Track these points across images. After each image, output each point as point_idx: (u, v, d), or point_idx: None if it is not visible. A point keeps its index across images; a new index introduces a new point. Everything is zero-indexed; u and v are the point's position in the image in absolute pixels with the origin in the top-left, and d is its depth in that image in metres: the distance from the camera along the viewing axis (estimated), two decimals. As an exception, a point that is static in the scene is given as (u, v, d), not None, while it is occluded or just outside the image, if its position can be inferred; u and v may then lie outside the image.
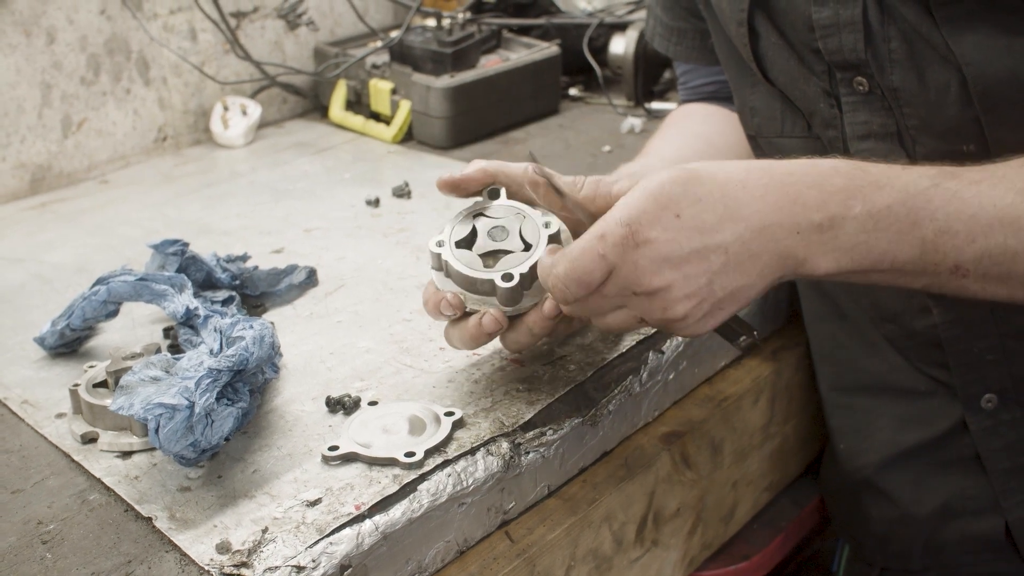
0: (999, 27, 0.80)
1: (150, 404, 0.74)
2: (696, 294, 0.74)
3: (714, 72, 1.15)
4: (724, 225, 0.73)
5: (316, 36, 1.67)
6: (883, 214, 0.75)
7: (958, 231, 0.74)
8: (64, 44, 1.38)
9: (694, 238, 0.72)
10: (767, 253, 0.74)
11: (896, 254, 0.75)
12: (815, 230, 0.74)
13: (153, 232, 1.23)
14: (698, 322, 0.76)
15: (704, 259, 0.73)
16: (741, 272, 0.74)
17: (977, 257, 0.75)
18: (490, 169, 0.86)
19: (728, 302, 0.76)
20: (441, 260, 0.84)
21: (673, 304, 0.74)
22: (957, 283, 0.76)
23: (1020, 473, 0.98)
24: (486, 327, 0.82)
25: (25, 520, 0.76)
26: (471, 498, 0.80)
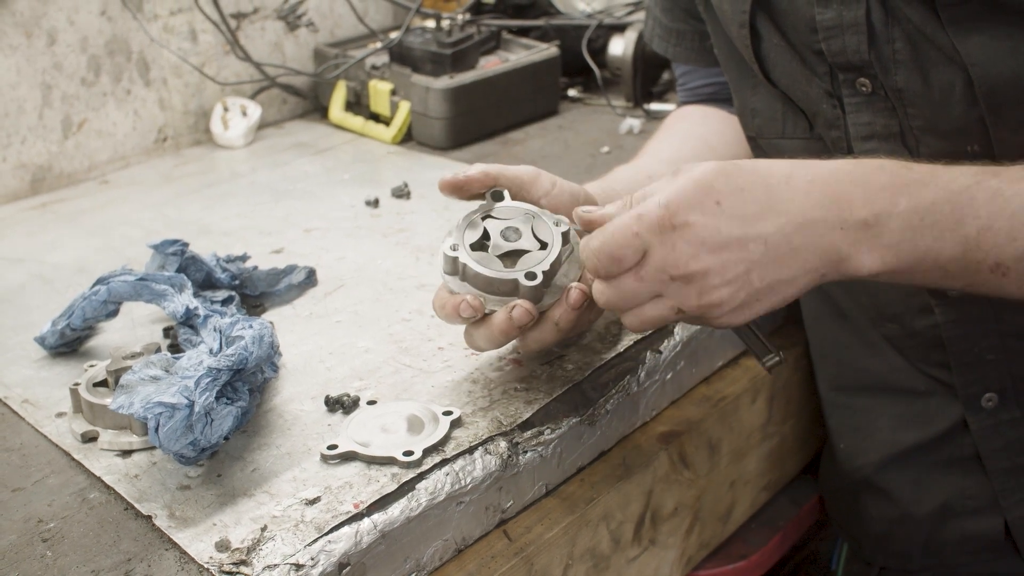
0: (1004, 28, 0.81)
1: (150, 403, 0.74)
2: (734, 281, 0.73)
3: (713, 74, 1.16)
4: (765, 216, 0.73)
5: (316, 37, 1.67)
6: (928, 211, 0.75)
7: (1000, 228, 0.74)
8: (65, 45, 1.39)
9: (734, 226, 0.72)
10: (808, 248, 0.74)
11: (940, 251, 0.75)
12: (859, 227, 0.74)
13: (153, 232, 1.23)
14: (733, 311, 0.74)
15: (743, 248, 0.72)
16: (781, 265, 0.74)
17: (1018, 256, 0.75)
18: (492, 171, 0.86)
19: (766, 295, 0.74)
20: (458, 263, 0.83)
21: (710, 290, 0.73)
22: (996, 282, 0.76)
23: (1020, 472, 0.99)
24: (518, 320, 0.81)
25: (25, 518, 0.76)
26: (469, 497, 0.80)
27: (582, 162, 1.43)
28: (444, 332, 0.98)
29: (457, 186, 0.86)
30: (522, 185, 0.87)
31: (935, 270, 0.76)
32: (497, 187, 0.87)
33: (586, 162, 1.43)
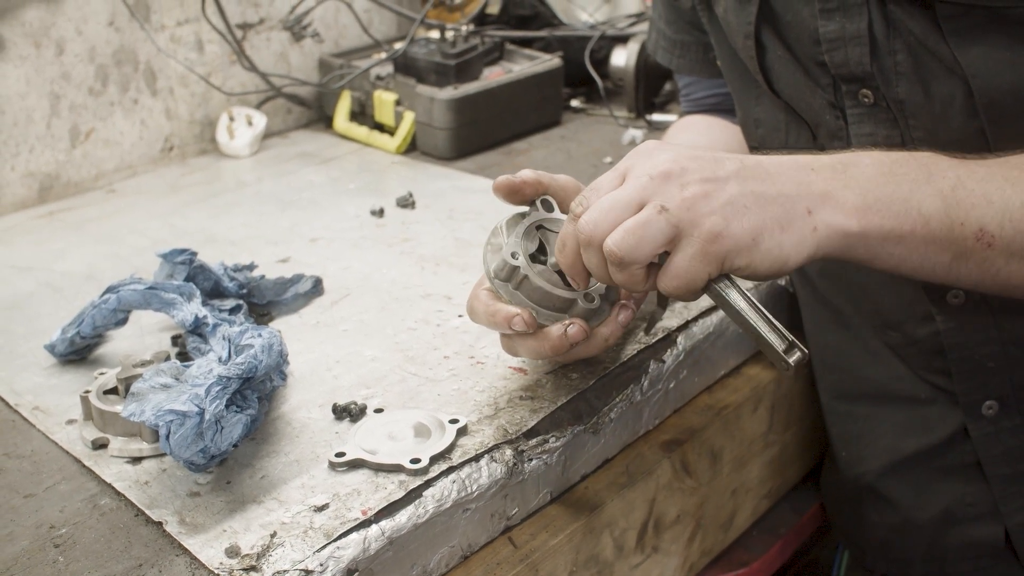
0: (1005, 40, 0.82)
1: (161, 411, 0.75)
2: (712, 180, 0.73)
3: (716, 85, 1.17)
4: (734, 155, 0.76)
5: (321, 48, 1.68)
6: (895, 162, 0.77)
7: (972, 188, 0.76)
8: (73, 55, 1.40)
9: (705, 152, 0.75)
10: (781, 178, 0.74)
11: (921, 202, 0.75)
12: (828, 168, 0.76)
13: (160, 241, 1.24)
14: (721, 210, 0.72)
15: (717, 162, 0.74)
16: (757, 181, 0.74)
17: (999, 220, 0.76)
18: (542, 178, 0.85)
19: (754, 205, 0.72)
20: (517, 273, 0.81)
21: (690, 184, 0.72)
22: (983, 255, 0.77)
23: (1020, 480, 0.99)
24: (573, 337, 0.81)
25: (37, 524, 0.77)
26: (475, 504, 0.81)
27: (584, 172, 1.44)
28: (449, 341, 0.99)
29: (513, 189, 0.84)
30: (566, 195, 0.86)
31: (923, 230, 0.76)
32: (546, 196, 0.86)
33: (588, 172, 1.44)
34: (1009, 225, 0.76)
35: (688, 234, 0.72)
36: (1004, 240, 0.76)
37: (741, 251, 0.72)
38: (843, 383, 1.11)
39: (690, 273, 0.73)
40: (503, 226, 0.84)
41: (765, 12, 0.95)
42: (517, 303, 0.82)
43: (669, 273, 0.74)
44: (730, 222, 0.71)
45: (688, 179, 0.72)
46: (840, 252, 0.76)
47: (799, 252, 0.73)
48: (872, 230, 0.75)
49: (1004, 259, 0.77)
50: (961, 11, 0.83)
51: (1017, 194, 0.76)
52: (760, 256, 0.72)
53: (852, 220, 0.74)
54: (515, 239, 0.83)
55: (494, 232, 0.85)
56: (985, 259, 0.77)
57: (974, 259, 0.77)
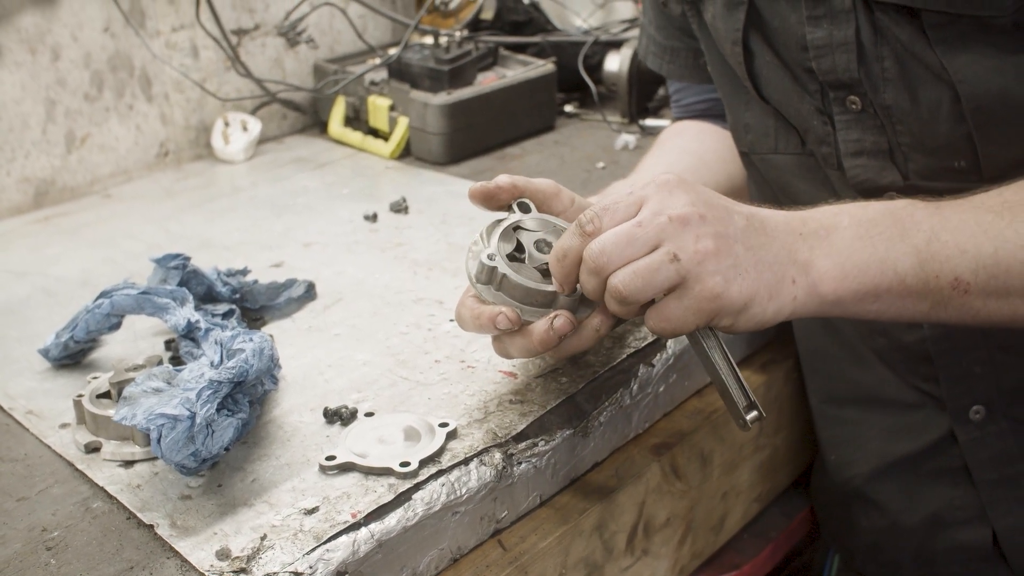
0: (990, 47, 0.83)
1: (152, 414, 0.76)
2: (724, 237, 0.75)
3: (706, 90, 1.18)
4: (739, 206, 0.78)
5: (316, 53, 1.69)
6: (872, 222, 0.79)
7: (946, 241, 0.78)
8: (68, 61, 1.41)
9: (717, 198, 0.78)
10: (779, 242, 0.78)
11: (896, 262, 0.78)
12: (812, 235, 0.79)
13: (155, 246, 1.25)
14: (725, 271, 0.74)
15: (729, 216, 0.77)
16: (759, 245, 0.77)
17: (973, 268, 0.78)
18: (518, 183, 0.87)
19: (753, 269, 0.75)
20: (495, 273, 0.83)
21: (705, 237, 0.74)
22: (960, 300, 0.79)
23: (1007, 483, 1.00)
24: (559, 329, 0.80)
25: (30, 527, 0.78)
26: (464, 507, 0.81)
27: (578, 177, 1.45)
28: (440, 345, 1.00)
29: (488, 195, 0.86)
30: (544, 198, 0.87)
31: (898, 287, 0.79)
32: (524, 199, 0.87)
33: (582, 177, 1.45)
34: (983, 271, 0.78)
35: (690, 287, 0.74)
36: (979, 285, 0.78)
37: (731, 313, 0.76)
38: (832, 387, 1.12)
39: (680, 321, 0.76)
40: (483, 232, 0.86)
41: (753, 18, 0.96)
42: (501, 304, 0.82)
43: (661, 315, 0.76)
44: (730, 285, 0.74)
45: (704, 231, 0.74)
46: (815, 315, 0.80)
47: (777, 317, 0.78)
48: (848, 295, 0.79)
49: (982, 301, 0.79)
50: (947, 20, 0.84)
51: (990, 241, 0.78)
52: (744, 319, 0.76)
53: (830, 288, 0.78)
54: (493, 242, 0.84)
55: (475, 240, 0.86)
56: (963, 304, 0.80)
57: (952, 305, 0.80)
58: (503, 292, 0.83)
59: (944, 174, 0.90)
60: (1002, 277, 0.78)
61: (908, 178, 0.92)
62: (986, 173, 0.87)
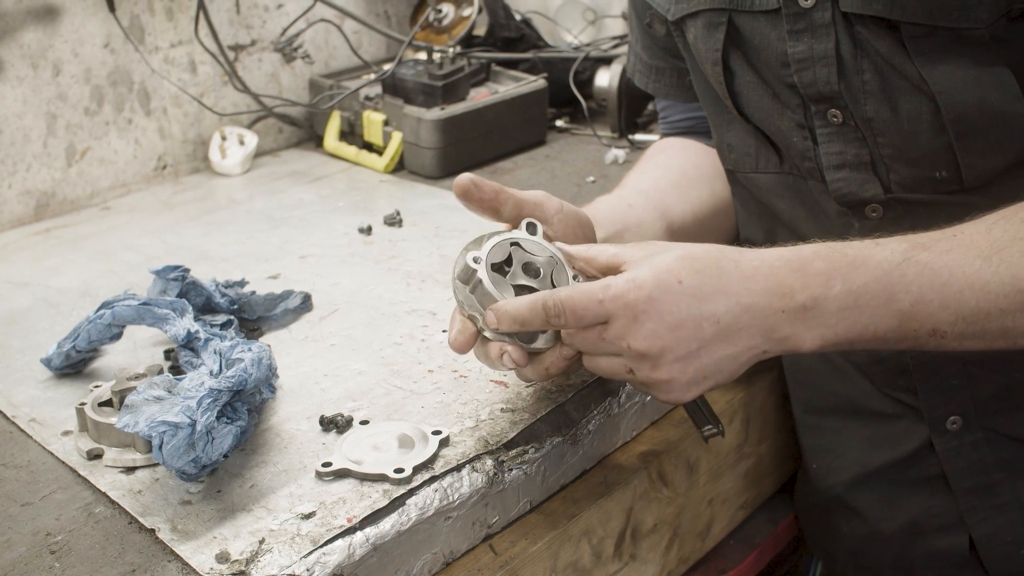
0: (968, 59, 0.85)
1: (154, 422, 0.78)
2: (685, 359, 0.79)
3: (692, 108, 1.20)
4: (718, 297, 0.79)
5: (311, 69, 1.72)
6: (861, 292, 0.81)
7: (931, 300, 0.80)
8: (69, 76, 1.43)
9: (692, 305, 0.79)
10: (754, 327, 0.80)
11: (876, 327, 0.81)
12: (799, 310, 0.81)
13: (153, 258, 1.27)
14: (681, 388, 0.81)
15: (698, 327, 0.79)
16: (729, 342, 0.80)
17: (952, 321, 0.80)
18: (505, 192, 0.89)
19: (712, 373, 0.81)
20: (474, 277, 0.85)
21: (662, 366, 0.79)
22: (936, 343, 0.82)
23: (983, 491, 1.03)
24: (506, 363, 0.85)
25: (34, 531, 0.80)
26: (457, 512, 0.84)
27: (568, 191, 1.48)
28: (434, 355, 1.03)
29: (465, 189, 0.88)
30: (541, 211, 0.90)
31: (875, 341, 0.82)
32: (532, 219, 0.89)
33: (572, 191, 1.48)
34: (962, 322, 0.81)
35: (644, 385, 0.82)
36: (956, 333, 0.81)
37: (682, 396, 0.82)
38: (813, 398, 1.14)
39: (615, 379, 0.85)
40: (484, 236, 0.88)
41: (733, 37, 0.98)
42: (469, 306, 0.85)
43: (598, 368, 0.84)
44: (684, 392, 0.81)
45: (663, 360, 0.79)
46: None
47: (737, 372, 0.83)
48: (823, 350, 0.83)
49: (958, 342, 0.82)
50: (925, 32, 0.86)
51: (974, 294, 0.80)
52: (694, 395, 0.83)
53: (804, 351, 0.82)
54: (485, 248, 0.86)
55: (475, 238, 0.87)
56: (939, 345, 0.83)
57: (928, 346, 0.83)
58: (475, 296, 0.85)
59: (926, 184, 0.92)
60: (980, 324, 0.80)
61: (890, 190, 0.94)
62: (967, 182, 0.90)
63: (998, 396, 1.00)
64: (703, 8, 0.99)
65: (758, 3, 0.94)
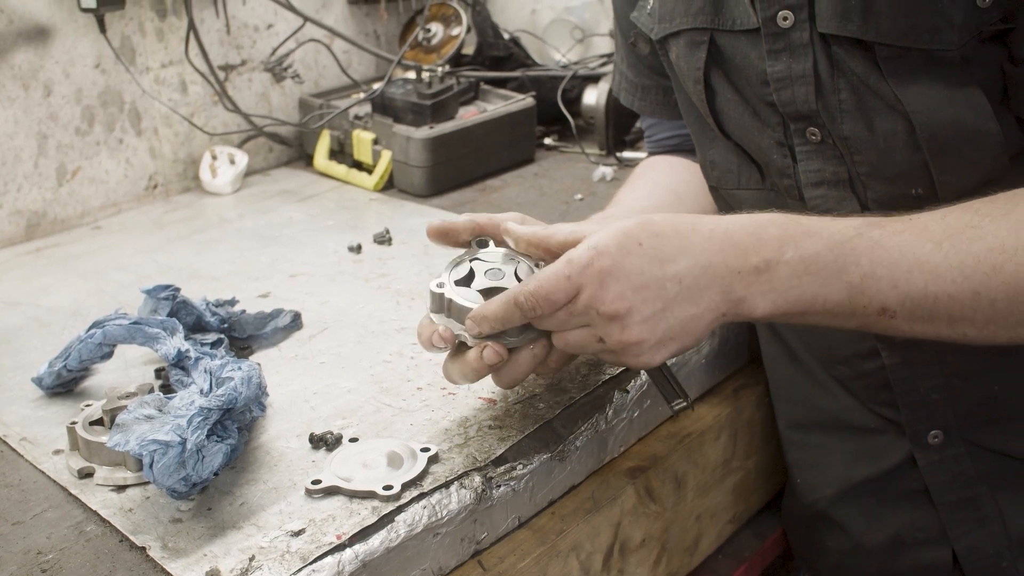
0: (940, 80, 0.87)
1: (145, 440, 0.79)
2: (652, 319, 0.81)
3: (677, 126, 1.22)
4: (679, 257, 0.82)
5: (301, 88, 1.73)
6: (812, 259, 0.83)
7: (881, 276, 0.82)
8: (60, 96, 1.44)
9: (654, 266, 0.81)
10: (713, 287, 0.83)
11: (826, 297, 0.84)
12: (752, 272, 0.83)
13: (144, 277, 1.28)
14: (650, 350, 0.83)
15: (661, 287, 0.81)
16: (691, 302, 0.82)
17: (901, 300, 0.83)
18: (479, 220, 0.92)
19: (679, 333, 0.83)
20: (444, 300, 0.88)
21: (630, 327, 0.81)
22: (886, 323, 0.84)
23: (965, 505, 1.03)
24: (488, 359, 0.86)
25: (25, 550, 0.81)
26: (445, 528, 0.84)
27: (556, 209, 1.49)
28: (423, 373, 1.04)
29: (443, 232, 0.92)
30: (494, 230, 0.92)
31: (824, 313, 0.85)
32: (484, 236, 0.92)
33: (560, 209, 1.49)
34: (910, 302, 0.83)
35: (615, 354, 0.84)
36: (905, 313, 0.83)
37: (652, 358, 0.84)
38: (797, 413, 1.16)
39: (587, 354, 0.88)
40: (446, 266, 0.91)
41: (714, 56, 0.99)
42: (456, 330, 0.87)
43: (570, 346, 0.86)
44: (652, 357, 0.84)
45: (630, 321, 0.81)
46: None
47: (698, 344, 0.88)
48: (775, 317, 0.85)
49: (907, 324, 0.84)
50: (898, 53, 0.87)
51: (923, 275, 0.82)
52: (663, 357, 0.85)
53: (757, 316, 0.85)
54: (446, 274, 0.89)
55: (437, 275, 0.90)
56: (889, 327, 0.85)
57: (878, 327, 0.85)
58: (453, 318, 0.88)
59: (902, 201, 0.93)
60: (928, 307, 0.82)
61: (867, 207, 0.95)
62: (943, 199, 0.90)
63: (978, 410, 1.01)
64: (685, 28, 1.01)
65: (738, 23, 0.96)
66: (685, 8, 1.00)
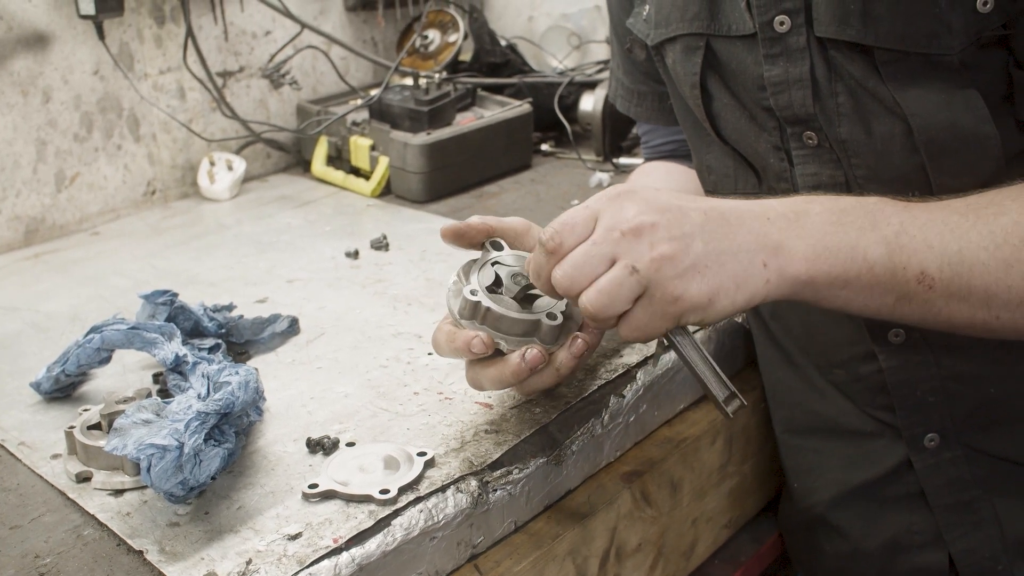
0: (939, 83, 0.87)
1: (143, 445, 0.79)
2: (680, 239, 0.76)
3: (673, 132, 1.22)
4: (698, 200, 0.80)
5: (299, 94, 1.74)
6: (843, 211, 0.82)
7: (914, 235, 0.81)
8: (59, 103, 1.45)
9: (672, 199, 0.79)
10: (743, 228, 0.79)
11: (866, 249, 0.81)
12: (782, 218, 0.81)
13: (142, 282, 1.28)
14: (686, 272, 0.76)
15: (684, 214, 0.78)
16: (720, 237, 0.78)
17: (939, 264, 0.81)
18: (489, 221, 0.92)
19: (715, 263, 0.77)
20: (479, 307, 0.86)
21: (659, 243, 0.76)
22: (925, 297, 0.82)
23: (961, 508, 1.04)
24: (531, 362, 0.84)
25: (23, 554, 0.81)
26: (442, 532, 0.85)
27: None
28: (419, 378, 1.04)
29: (459, 233, 0.91)
30: (516, 236, 0.92)
31: (866, 272, 0.81)
32: (494, 237, 0.92)
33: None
34: (948, 268, 0.81)
35: (652, 294, 0.77)
36: (943, 282, 0.81)
37: (696, 310, 0.78)
38: (794, 418, 1.16)
39: (649, 327, 0.79)
40: (460, 272, 0.90)
41: (710, 61, 1.00)
42: (495, 338, 0.86)
43: (630, 324, 0.79)
44: (689, 285, 0.76)
45: (657, 236, 0.76)
46: (789, 297, 0.82)
47: (750, 302, 0.80)
48: (820, 277, 0.81)
49: (944, 300, 0.82)
50: (898, 57, 0.88)
51: (955, 239, 0.81)
52: (714, 313, 0.78)
53: (802, 269, 0.80)
54: (474, 279, 0.88)
55: (453, 280, 0.90)
56: (927, 300, 0.82)
57: (916, 300, 0.83)
58: (487, 325, 0.87)
59: None
60: (965, 276, 0.81)
61: None
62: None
63: (974, 413, 1.01)
64: (681, 33, 1.01)
65: (734, 28, 0.97)
66: (681, 14, 1.00)
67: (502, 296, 0.88)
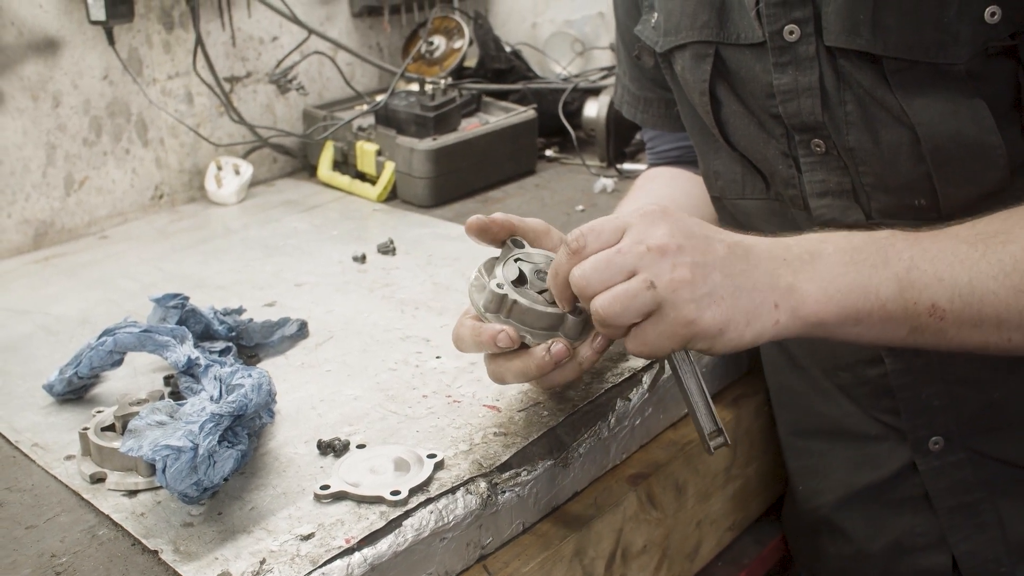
0: (946, 93, 0.88)
1: (158, 446, 0.80)
2: (701, 266, 0.78)
3: (679, 138, 1.23)
4: (724, 234, 0.82)
5: (305, 100, 1.75)
6: (856, 250, 0.83)
7: (925, 269, 0.82)
8: (68, 107, 1.46)
9: (701, 227, 0.80)
10: (760, 269, 0.81)
11: (878, 287, 0.82)
12: (798, 259, 0.82)
13: (150, 285, 1.29)
14: (701, 299, 0.77)
15: (709, 243, 0.79)
16: (738, 272, 0.79)
17: (949, 296, 0.82)
18: (512, 219, 0.92)
19: (729, 296, 0.78)
20: (505, 301, 0.87)
21: (681, 265, 0.77)
22: (937, 327, 0.83)
23: (965, 510, 1.05)
24: (556, 355, 0.85)
25: (39, 553, 0.82)
26: (451, 533, 0.85)
27: (557, 220, 1.50)
28: (428, 381, 1.05)
29: (483, 228, 0.91)
30: (536, 236, 0.93)
31: (878, 309, 0.82)
32: (516, 236, 0.92)
33: (561, 220, 1.50)
34: (959, 300, 0.82)
35: (666, 313, 0.78)
36: (954, 313, 0.83)
37: (706, 338, 0.79)
38: (799, 420, 1.17)
39: (656, 344, 0.80)
40: (482, 268, 0.91)
41: (719, 69, 1.01)
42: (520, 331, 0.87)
43: (638, 339, 0.80)
44: (703, 312, 0.77)
45: (681, 260, 0.77)
46: (801, 335, 0.83)
47: (758, 340, 0.81)
48: (831, 318, 0.82)
49: (956, 329, 0.84)
50: (906, 66, 0.89)
51: (965, 271, 0.82)
52: (721, 344, 0.79)
53: (813, 311, 0.81)
54: (499, 272, 0.89)
55: (475, 275, 0.91)
56: (939, 330, 0.84)
57: (929, 331, 0.84)
58: (512, 319, 0.87)
59: (905, 212, 0.94)
60: (976, 305, 0.82)
61: (871, 217, 0.97)
62: (944, 211, 0.92)
63: (979, 417, 1.02)
64: (691, 41, 1.02)
65: (744, 36, 0.97)
66: (691, 22, 1.01)
67: (526, 290, 0.89)
